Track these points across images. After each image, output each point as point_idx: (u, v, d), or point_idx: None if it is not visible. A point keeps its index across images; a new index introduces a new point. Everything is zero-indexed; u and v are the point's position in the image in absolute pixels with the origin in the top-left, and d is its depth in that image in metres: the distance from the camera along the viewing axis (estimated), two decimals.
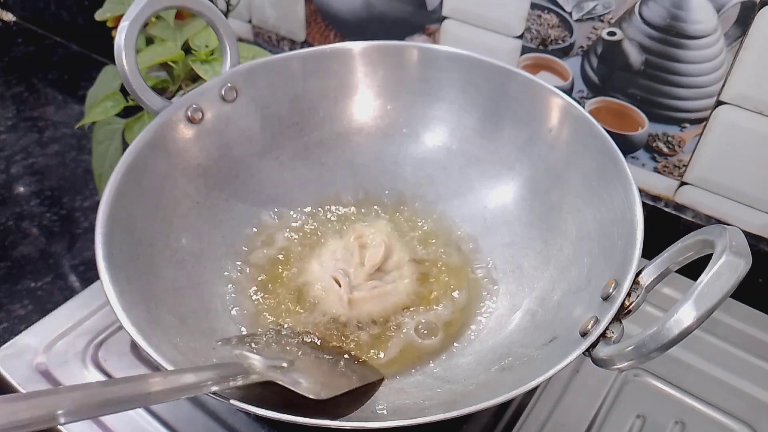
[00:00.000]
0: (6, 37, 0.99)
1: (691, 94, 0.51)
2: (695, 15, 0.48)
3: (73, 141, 0.76)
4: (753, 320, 0.52)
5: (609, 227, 0.41)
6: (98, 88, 0.60)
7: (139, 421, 0.44)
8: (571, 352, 0.33)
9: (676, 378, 0.48)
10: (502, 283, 0.47)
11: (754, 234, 0.54)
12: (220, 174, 0.49)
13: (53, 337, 0.49)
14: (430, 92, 0.52)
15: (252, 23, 0.77)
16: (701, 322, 0.29)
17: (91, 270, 0.58)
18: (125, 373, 0.47)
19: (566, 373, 0.48)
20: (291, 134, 0.53)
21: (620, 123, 0.56)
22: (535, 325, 0.42)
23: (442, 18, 0.61)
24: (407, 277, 0.47)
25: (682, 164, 0.55)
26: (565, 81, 0.57)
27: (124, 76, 0.43)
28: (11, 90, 0.86)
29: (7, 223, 0.64)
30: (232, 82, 0.49)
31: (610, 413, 0.46)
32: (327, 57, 0.52)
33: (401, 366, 0.43)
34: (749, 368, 0.49)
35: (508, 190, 0.50)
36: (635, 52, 0.52)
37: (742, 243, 0.31)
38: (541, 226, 0.47)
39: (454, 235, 0.51)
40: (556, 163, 0.47)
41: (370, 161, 0.54)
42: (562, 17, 0.54)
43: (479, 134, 0.51)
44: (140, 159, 0.43)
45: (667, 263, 0.35)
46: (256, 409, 0.31)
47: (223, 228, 0.49)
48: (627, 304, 0.35)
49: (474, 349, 0.43)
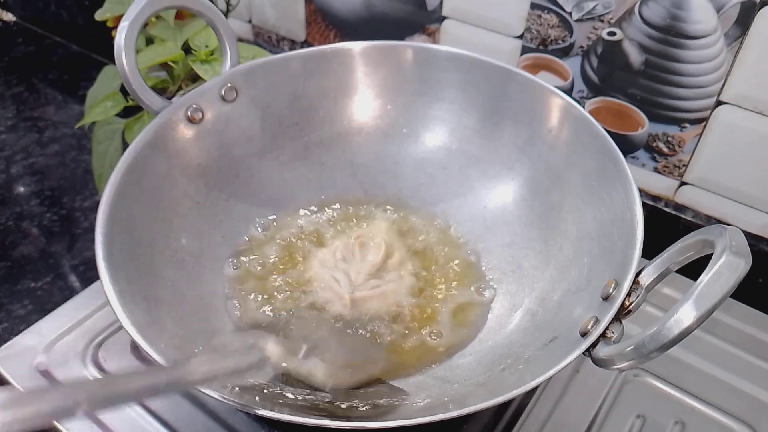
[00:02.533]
0: (6, 37, 0.99)
1: (691, 94, 0.51)
2: (695, 15, 0.48)
3: (73, 141, 0.76)
4: (753, 320, 0.52)
5: (609, 227, 0.41)
6: (98, 88, 0.60)
7: (139, 421, 0.44)
8: (571, 352, 0.33)
9: (676, 378, 0.48)
10: (502, 283, 0.47)
11: (754, 234, 0.54)
12: (220, 174, 0.49)
13: (53, 337, 0.49)
14: (430, 92, 0.52)
15: (252, 23, 0.77)
16: (701, 322, 0.29)
17: (91, 270, 0.58)
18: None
19: (566, 373, 0.48)
20: (291, 134, 0.53)
21: (620, 123, 0.56)
22: (535, 325, 0.42)
23: (442, 18, 0.61)
24: (408, 277, 0.47)
25: (682, 164, 0.55)
26: (565, 81, 0.57)
27: (124, 76, 0.43)
28: (11, 90, 0.86)
29: (7, 223, 0.64)
30: (232, 82, 0.49)
31: (610, 413, 0.46)
32: (327, 57, 0.52)
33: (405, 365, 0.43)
34: (749, 368, 0.49)
35: (508, 190, 0.50)
36: (635, 52, 0.52)
37: (742, 243, 0.31)
38: (541, 226, 0.47)
39: (454, 234, 0.51)
40: (556, 163, 0.47)
41: (370, 161, 0.54)
42: (562, 17, 0.54)
43: (479, 134, 0.51)
44: (140, 159, 0.43)
45: (667, 263, 0.35)
46: (256, 409, 0.31)
47: (223, 228, 0.49)
48: (627, 304, 0.35)
49: (474, 349, 0.43)
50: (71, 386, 0.25)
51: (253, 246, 0.49)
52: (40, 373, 0.47)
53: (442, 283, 0.48)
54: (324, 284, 0.46)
